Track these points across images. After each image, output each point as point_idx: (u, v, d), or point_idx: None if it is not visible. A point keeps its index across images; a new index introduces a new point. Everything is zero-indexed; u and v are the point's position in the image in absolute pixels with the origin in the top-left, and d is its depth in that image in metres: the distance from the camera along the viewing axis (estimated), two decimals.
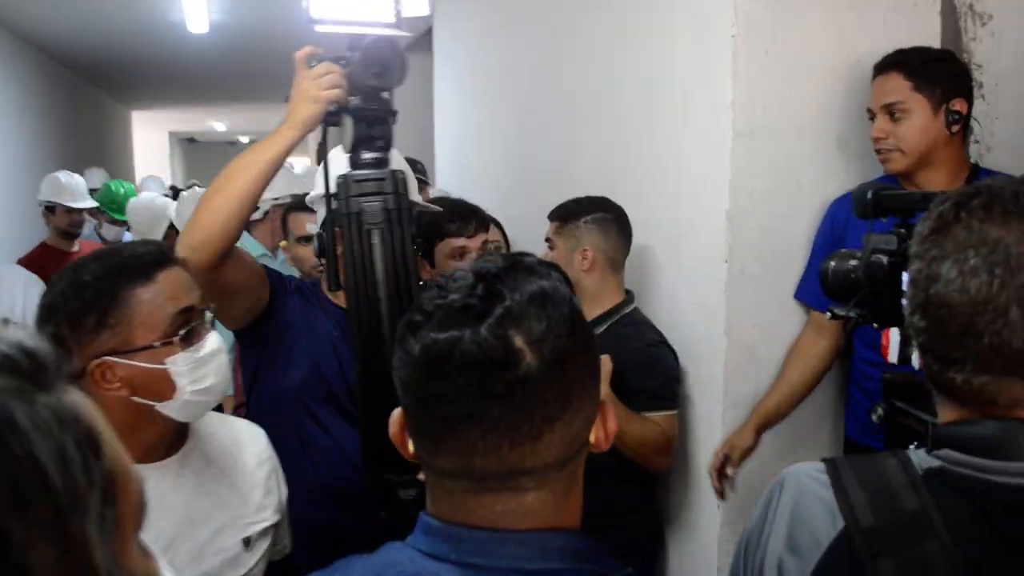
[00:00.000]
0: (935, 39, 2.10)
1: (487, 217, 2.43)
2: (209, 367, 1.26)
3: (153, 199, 4.33)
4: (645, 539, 2.24)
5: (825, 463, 0.86)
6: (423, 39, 5.82)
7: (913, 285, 0.84)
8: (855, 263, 1.24)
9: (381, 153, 1.53)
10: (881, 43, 1.99)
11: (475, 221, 2.31)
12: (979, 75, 2.14)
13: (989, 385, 0.80)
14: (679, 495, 2.31)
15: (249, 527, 1.36)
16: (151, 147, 13.88)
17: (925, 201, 1.24)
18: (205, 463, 1.35)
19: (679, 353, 2.16)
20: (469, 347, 0.72)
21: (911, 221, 1.23)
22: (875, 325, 1.23)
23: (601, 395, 0.82)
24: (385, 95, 1.53)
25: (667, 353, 2.13)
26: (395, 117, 1.57)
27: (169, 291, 1.23)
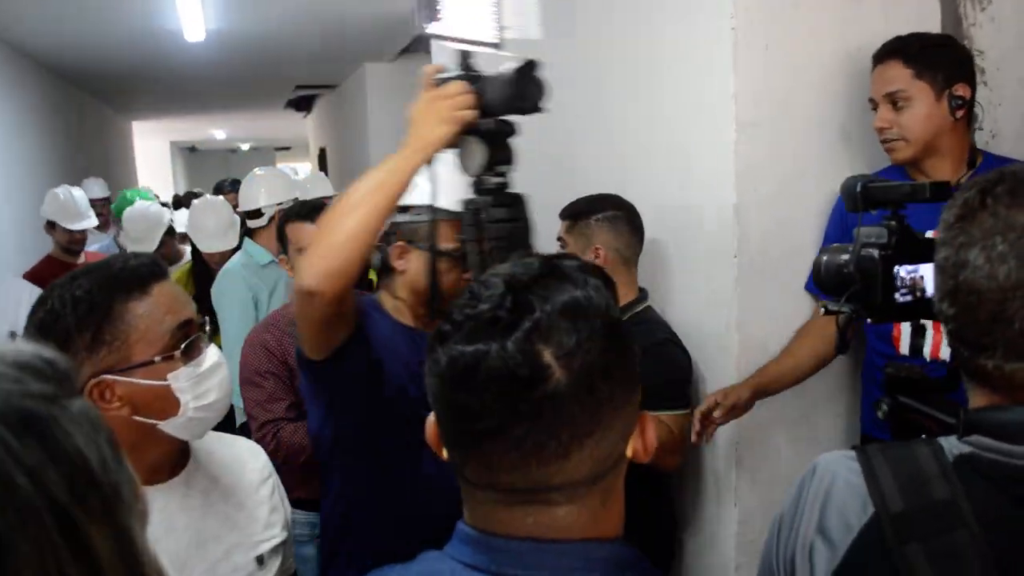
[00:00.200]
0: (935, 26, 2.10)
1: None
2: (211, 382, 1.21)
3: (148, 207, 4.39)
4: (659, 538, 2.24)
5: (857, 451, 0.86)
6: (421, 42, 5.82)
7: (941, 272, 0.84)
8: (846, 257, 1.22)
9: (506, 178, 1.44)
10: (881, 32, 1.98)
11: None
12: (980, 61, 2.13)
13: (1020, 371, 0.80)
14: (693, 494, 2.30)
15: (260, 545, 1.33)
16: (152, 157, 13.91)
17: (914, 193, 1.23)
18: (210, 482, 1.30)
19: (690, 349, 2.15)
20: (495, 362, 0.71)
21: (901, 213, 1.21)
22: (868, 320, 1.21)
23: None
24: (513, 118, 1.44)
25: (677, 352, 2.12)
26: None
27: (166, 304, 1.17)
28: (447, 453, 0.79)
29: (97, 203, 5.32)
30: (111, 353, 1.13)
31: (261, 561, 1.32)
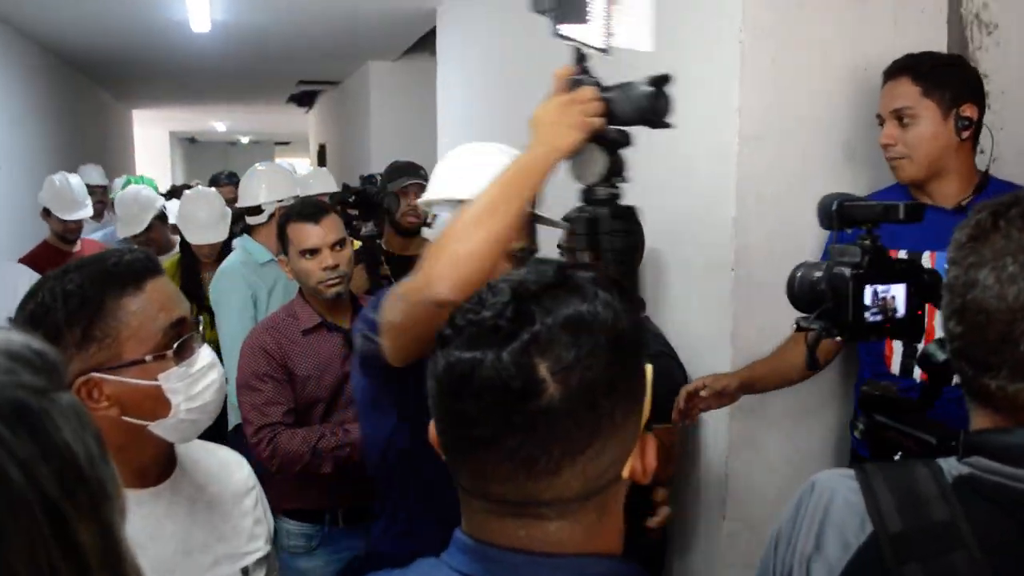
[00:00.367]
0: (941, 48, 2.10)
1: None
2: (203, 383, 1.16)
3: (140, 190, 4.40)
4: (649, 548, 2.23)
5: (855, 469, 0.86)
6: (426, 42, 5.82)
7: (949, 291, 0.84)
8: (820, 274, 1.21)
9: (620, 189, 1.40)
10: (888, 50, 1.98)
11: None
12: (985, 84, 2.13)
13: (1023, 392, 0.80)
14: (684, 505, 2.30)
15: (245, 557, 1.28)
16: (151, 146, 13.88)
17: (887, 213, 1.24)
18: (196, 491, 1.25)
19: (685, 361, 2.15)
20: (488, 372, 0.70)
21: (876, 232, 1.21)
22: (838, 339, 1.20)
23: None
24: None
25: (673, 365, 2.11)
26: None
27: (160, 301, 1.13)
28: (445, 458, 0.78)
29: (96, 190, 5.31)
30: (101, 350, 1.08)
31: (246, 573, 1.28)
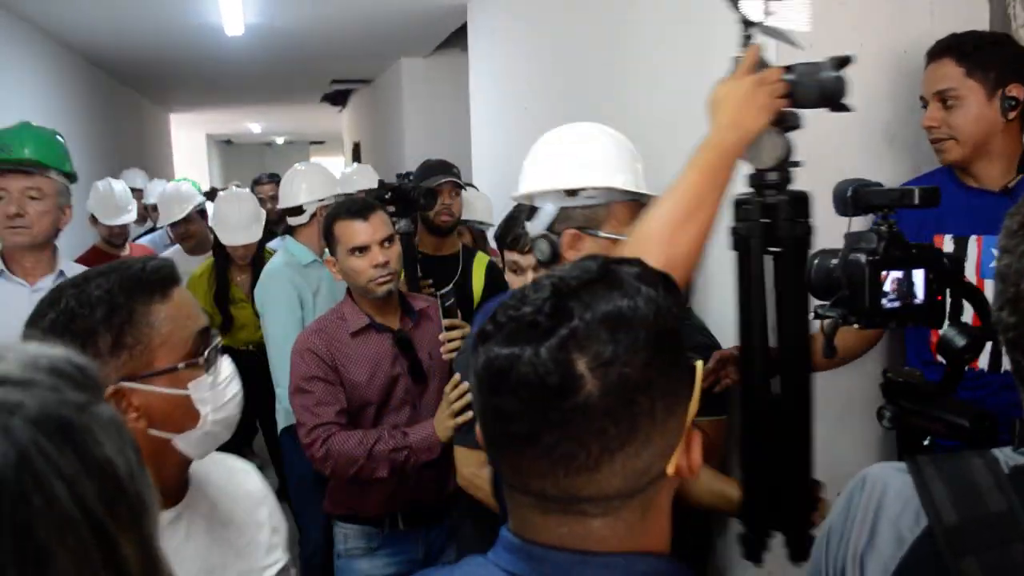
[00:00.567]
0: (983, 27, 2.05)
1: None
2: (227, 393, 1.13)
3: (180, 185, 4.58)
4: (692, 549, 2.21)
5: (907, 462, 0.84)
6: (457, 37, 5.82)
7: (1001, 280, 0.81)
8: (836, 262, 1.19)
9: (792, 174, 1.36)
10: (927, 32, 1.94)
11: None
12: None
13: None
14: None
15: (265, 572, 1.25)
16: (189, 149, 14.07)
17: (903, 198, 1.21)
18: (210, 507, 1.20)
19: (725, 346, 2.11)
20: (526, 368, 0.70)
21: (892, 218, 1.18)
22: (856, 326, 1.18)
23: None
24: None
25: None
26: None
27: (186, 309, 1.10)
28: (487, 454, 0.78)
29: (139, 193, 5.40)
30: (132, 359, 1.04)
31: None
